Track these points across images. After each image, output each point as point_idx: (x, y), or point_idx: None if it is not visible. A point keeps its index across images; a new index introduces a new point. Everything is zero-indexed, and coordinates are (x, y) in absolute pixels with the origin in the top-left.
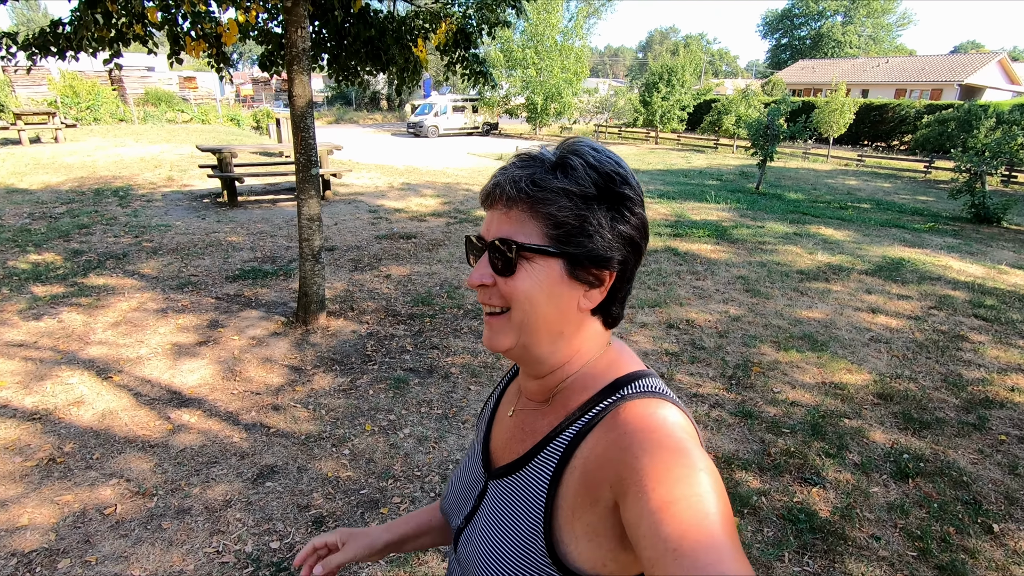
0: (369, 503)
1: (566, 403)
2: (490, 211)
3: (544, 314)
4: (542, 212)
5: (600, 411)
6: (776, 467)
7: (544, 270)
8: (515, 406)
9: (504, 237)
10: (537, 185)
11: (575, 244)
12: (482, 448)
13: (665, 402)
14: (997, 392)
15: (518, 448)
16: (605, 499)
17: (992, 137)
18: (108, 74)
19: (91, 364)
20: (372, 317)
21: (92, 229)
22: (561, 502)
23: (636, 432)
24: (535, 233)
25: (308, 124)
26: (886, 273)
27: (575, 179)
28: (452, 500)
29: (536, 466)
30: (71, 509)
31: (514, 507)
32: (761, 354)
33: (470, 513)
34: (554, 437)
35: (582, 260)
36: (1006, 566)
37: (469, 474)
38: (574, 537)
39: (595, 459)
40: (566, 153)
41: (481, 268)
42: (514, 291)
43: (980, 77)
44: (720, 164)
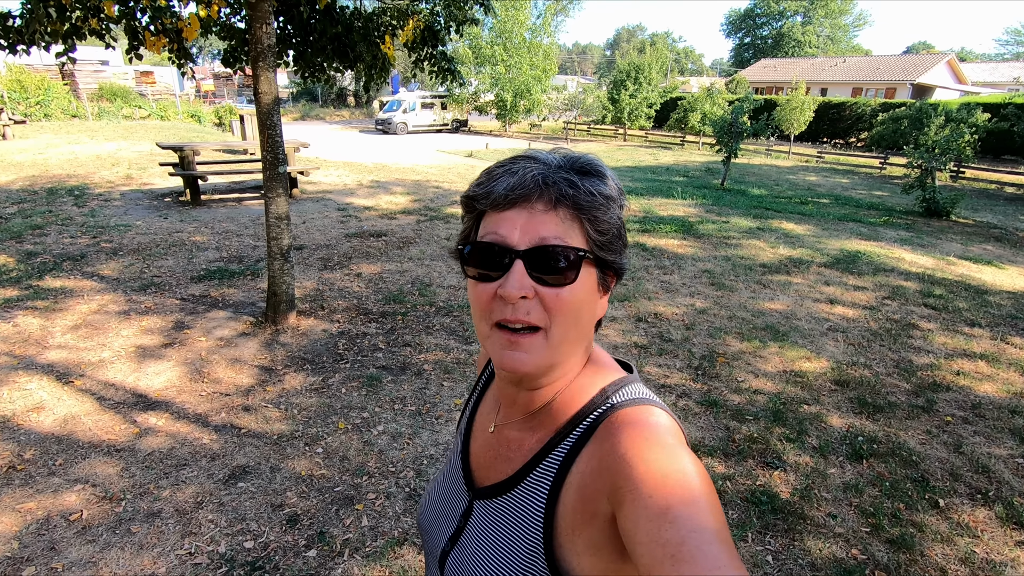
0: (344, 500)
1: (554, 417)
2: (517, 209)
3: (581, 325)
4: (591, 216)
5: (591, 423)
6: (740, 452)
7: (588, 278)
8: (495, 420)
9: (558, 242)
10: (592, 188)
11: (611, 251)
12: (462, 463)
13: (653, 408)
14: (944, 376)
15: (505, 468)
16: (603, 511)
17: (941, 135)
18: (59, 68)
19: (50, 369)
20: (343, 316)
21: (46, 230)
22: (560, 521)
23: (628, 441)
24: (581, 237)
25: (275, 121)
26: (843, 265)
27: (610, 185)
28: (432, 516)
29: (529, 486)
30: (34, 516)
31: (509, 530)
32: (726, 345)
33: (455, 534)
34: (545, 455)
35: (610, 267)
36: (951, 537)
37: (449, 490)
38: (576, 554)
39: (590, 473)
40: (589, 161)
41: (520, 278)
42: (564, 304)
43: (930, 77)
44: (686, 161)
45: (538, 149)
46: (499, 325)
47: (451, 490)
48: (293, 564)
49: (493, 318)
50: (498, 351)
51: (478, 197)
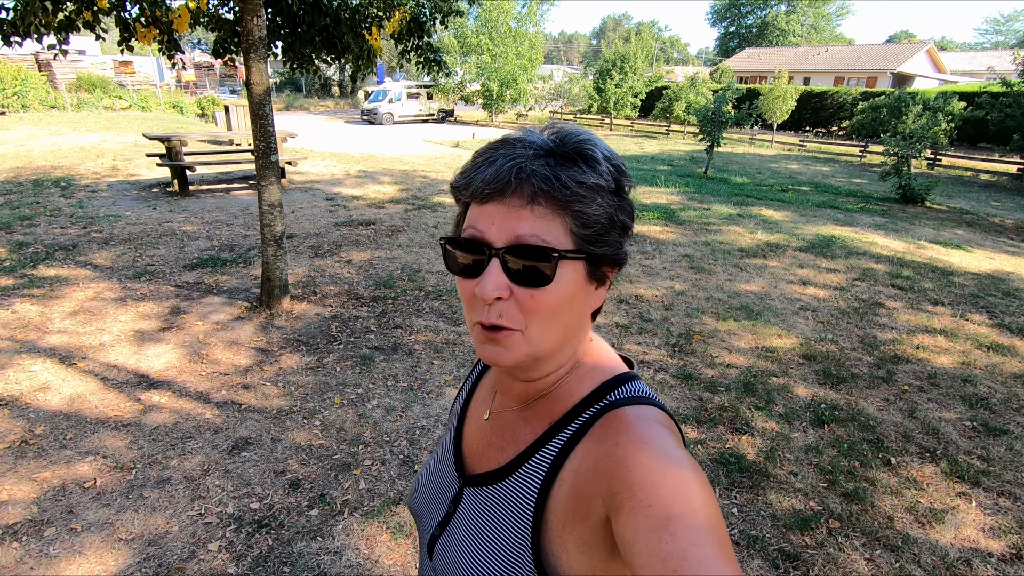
0: (342, 466)
1: (550, 409)
2: (495, 203)
3: (565, 324)
4: (573, 210)
5: (588, 419)
6: (711, 420)
7: (572, 275)
8: (491, 408)
9: (533, 242)
10: (572, 179)
11: (602, 244)
12: (454, 449)
13: (653, 408)
14: (905, 350)
15: (498, 456)
16: (597, 513)
17: (918, 123)
18: (35, 58)
19: (53, 352)
20: (335, 300)
21: (35, 221)
22: (550, 516)
23: (627, 444)
24: (563, 233)
25: (267, 111)
26: (818, 249)
27: (601, 173)
28: (422, 501)
29: (521, 478)
30: (50, 484)
31: (498, 520)
32: (702, 324)
33: (444, 519)
34: (539, 447)
35: (603, 260)
36: (899, 490)
37: (440, 476)
38: (564, 551)
39: (585, 472)
40: (577, 144)
41: (496, 277)
42: (538, 305)
43: (911, 66)
44: (671, 150)
45: (531, 127)
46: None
47: (442, 475)
48: (297, 522)
49: (475, 317)
50: (478, 344)
51: (460, 188)
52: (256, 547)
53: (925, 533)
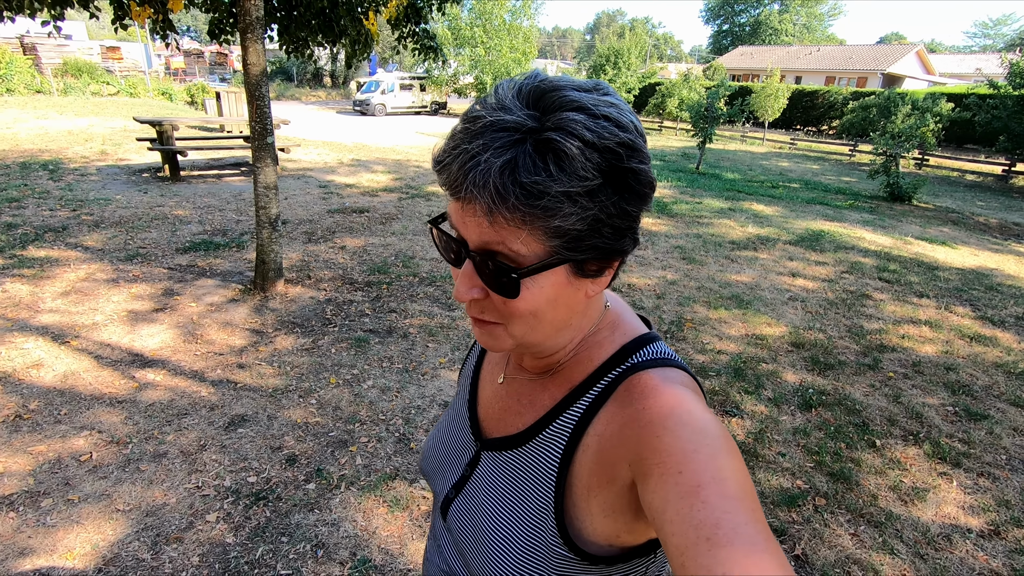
0: (338, 443)
1: (569, 375)
2: (461, 202)
3: (550, 320)
4: (540, 225)
5: (610, 383)
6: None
7: (549, 280)
8: (505, 371)
9: (495, 251)
10: (528, 192)
11: (583, 249)
12: (469, 412)
13: (677, 370)
14: (891, 339)
15: (516, 421)
16: (623, 477)
17: (907, 123)
18: (19, 41)
19: (45, 330)
20: (329, 285)
21: (24, 203)
22: (574, 480)
23: (654, 408)
24: (532, 244)
25: (263, 93)
26: (807, 243)
27: (575, 173)
28: (436, 463)
29: (543, 442)
30: (46, 458)
31: (519, 484)
32: (693, 312)
33: (459, 481)
34: (560, 412)
35: (592, 260)
36: (883, 470)
37: (455, 438)
38: (589, 515)
39: (610, 437)
40: (553, 129)
41: (469, 279)
42: (515, 310)
43: (900, 67)
44: (664, 146)
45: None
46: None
47: (457, 438)
48: (294, 495)
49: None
50: (474, 330)
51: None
52: (254, 518)
53: (908, 510)
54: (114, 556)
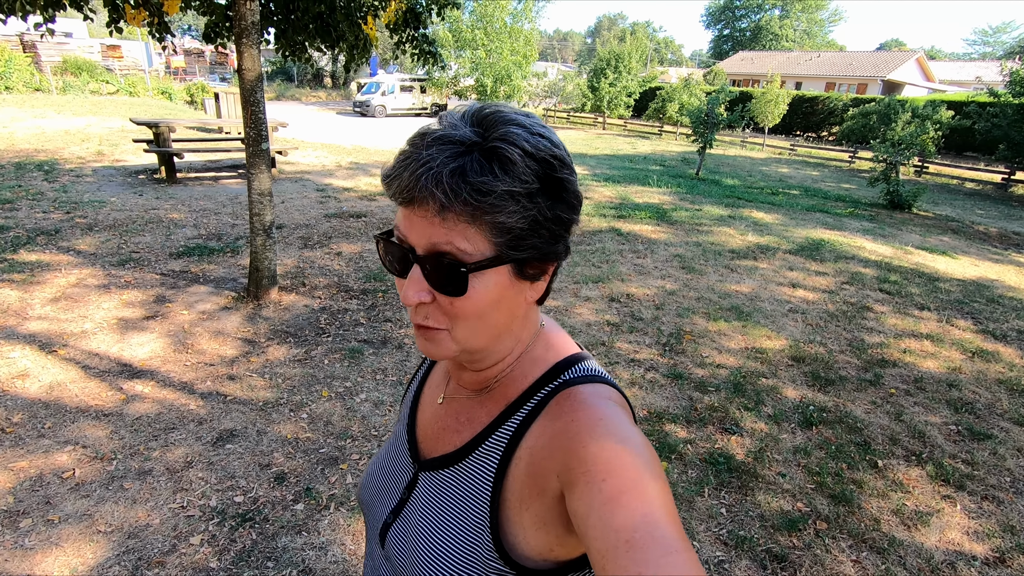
0: (329, 460)
1: (505, 391)
2: (411, 208)
3: (493, 323)
4: (486, 221)
5: (543, 398)
6: (701, 420)
7: (493, 279)
8: (445, 392)
9: (444, 251)
10: (477, 190)
11: (524, 248)
12: (407, 435)
13: (606, 386)
14: (892, 354)
15: (454, 439)
16: (553, 489)
17: (907, 130)
18: (19, 39)
19: (32, 339)
20: (324, 292)
21: (17, 204)
22: (507, 495)
23: (582, 420)
24: (479, 242)
25: (258, 98)
26: (807, 253)
27: (517, 176)
28: (374, 490)
29: (478, 458)
30: (27, 474)
31: (455, 501)
32: (693, 324)
33: (398, 506)
34: (495, 428)
35: (531, 260)
36: (886, 493)
37: (393, 463)
38: (522, 528)
39: (540, 449)
40: (497, 140)
41: (416, 284)
42: (461, 311)
43: (900, 73)
44: (664, 150)
45: (456, 112)
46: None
47: (395, 462)
48: (282, 516)
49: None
50: (417, 339)
51: (385, 188)
52: (239, 541)
53: (911, 535)
54: None
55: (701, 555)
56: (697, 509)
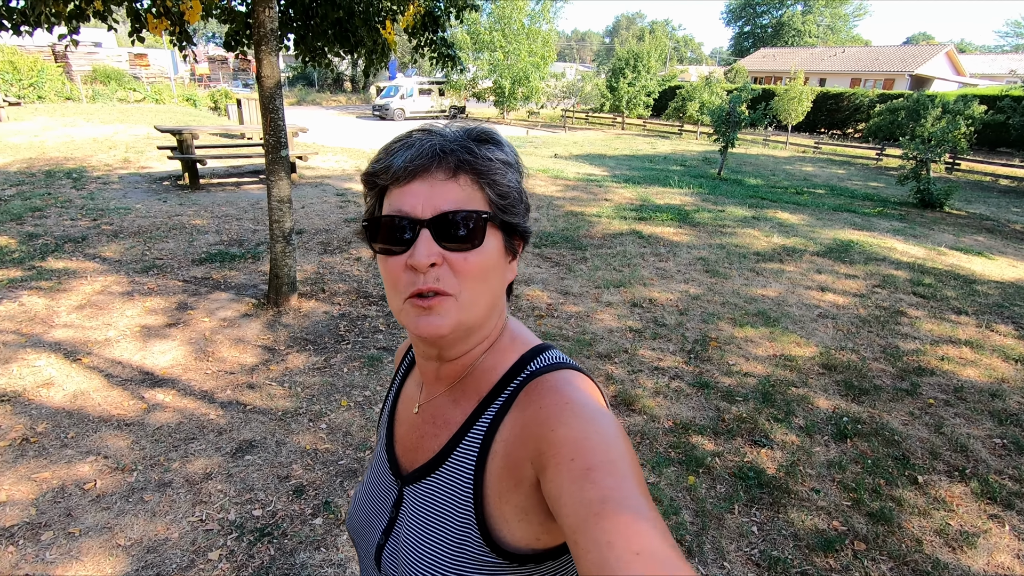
0: (347, 472)
1: (476, 386)
2: (418, 181)
3: (491, 288)
4: (488, 180)
5: (513, 390)
6: (729, 431)
7: (494, 242)
8: (419, 401)
9: (458, 210)
10: (484, 156)
11: (513, 214)
12: (387, 455)
13: (572, 371)
14: (929, 361)
15: (432, 445)
16: (528, 477)
17: (937, 126)
18: (51, 49)
19: (58, 347)
20: (344, 299)
21: (46, 212)
22: (488, 490)
23: (550, 406)
24: (483, 203)
25: (277, 105)
26: (835, 254)
27: (506, 151)
28: (362, 518)
29: (456, 460)
30: (50, 485)
31: (441, 505)
32: (718, 330)
33: (388, 526)
34: (471, 425)
35: (515, 230)
36: (927, 511)
37: (377, 486)
38: (505, 521)
39: (514, 440)
40: (484, 129)
41: (427, 246)
42: (472, 267)
43: (929, 68)
44: (684, 150)
45: (434, 123)
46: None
47: (379, 486)
48: (300, 531)
49: (407, 292)
50: (413, 320)
51: (378, 173)
52: (257, 557)
53: (956, 558)
54: None
55: None
56: (727, 527)
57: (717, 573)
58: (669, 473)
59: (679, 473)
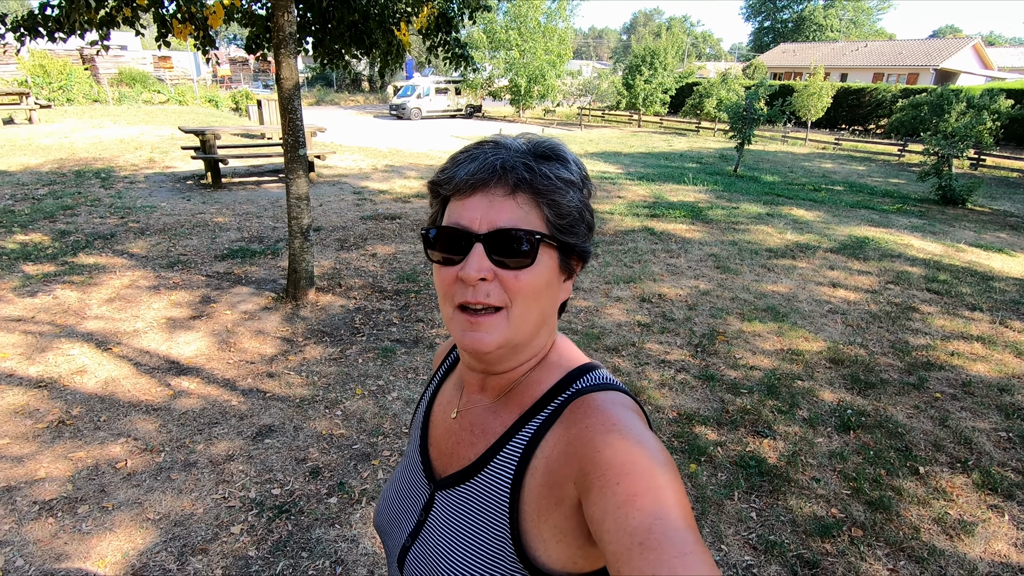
0: (361, 456)
1: (520, 399)
2: (479, 195)
3: (542, 308)
4: (548, 200)
5: (558, 406)
6: (732, 422)
7: (548, 261)
8: (458, 406)
9: (512, 228)
10: (544, 175)
11: (572, 234)
12: (421, 456)
13: (619, 393)
14: (939, 356)
15: (468, 452)
16: (569, 497)
17: (962, 121)
18: (79, 53)
19: (90, 337)
20: (359, 293)
21: (77, 210)
22: (525, 506)
23: (596, 426)
24: (540, 222)
25: (295, 106)
26: (849, 251)
27: (572, 171)
28: (390, 515)
29: (494, 470)
30: (84, 464)
31: (474, 516)
32: (726, 324)
33: (415, 529)
34: (511, 437)
35: (573, 250)
36: (927, 500)
37: (409, 486)
38: (542, 540)
39: (557, 457)
40: (552, 145)
41: (479, 260)
42: (523, 285)
43: (955, 62)
44: (701, 147)
45: (504, 135)
46: (461, 307)
47: (411, 485)
48: (316, 509)
49: (455, 300)
50: (460, 332)
51: (441, 183)
52: (276, 532)
53: (953, 545)
54: (142, 566)
55: (729, 559)
56: (726, 513)
57: (715, 556)
58: None
59: (681, 461)
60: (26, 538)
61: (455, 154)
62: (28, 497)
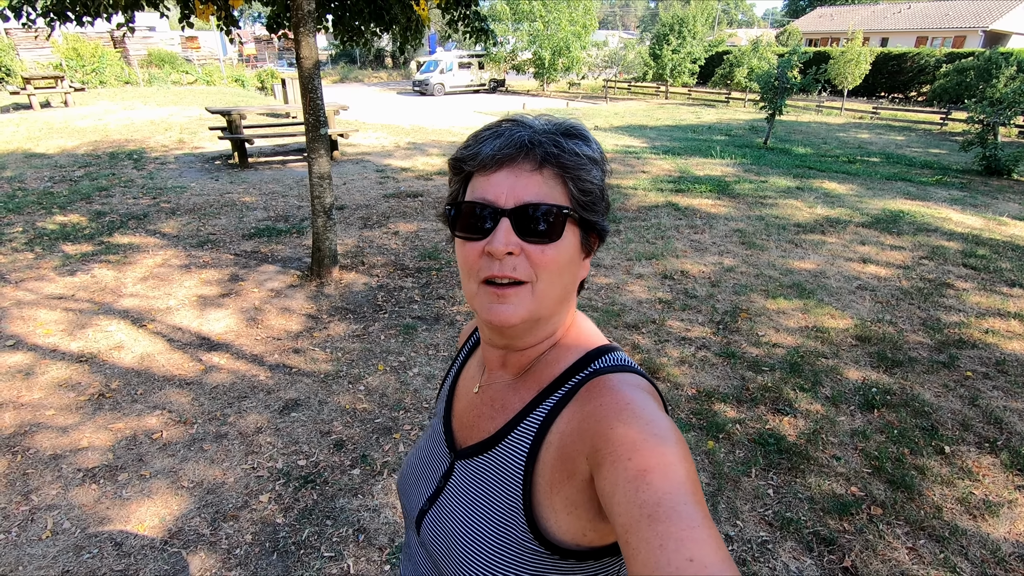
0: (383, 430)
1: (539, 377)
2: (504, 171)
3: (565, 283)
4: (572, 176)
5: (574, 385)
6: (752, 400)
7: (571, 237)
8: (480, 382)
9: (539, 202)
10: (570, 151)
11: (592, 211)
12: (444, 427)
13: (634, 375)
14: (972, 334)
15: (488, 426)
16: (581, 471)
17: (1011, 86)
18: (110, 35)
19: (126, 314)
20: (382, 271)
21: (111, 191)
22: (539, 478)
23: (610, 404)
24: (565, 198)
25: (316, 85)
26: (883, 225)
27: (593, 147)
28: (411, 480)
29: (511, 443)
30: (123, 434)
31: (489, 486)
32: (750, 302)
33: (434, 494)
34: (528, 412)
35: (593, 228)
36: (951, 480)
37: (431, 454)
38: (553, 512)
39: (571, 433)
40: (573, 125)
41: (506, 235)
42: (548, 260)
43: (1007, 22)
44: (730, 119)
45: (524, 113)
46: (487, 281)
47: (433, 453)
48: (340, 480)
49: (481, 275)
50: (485, 306)
51: (465, 159)
52: (302, 500)
53: (976, 525)
54: (178, 529)
55: (744, 535)
56: (743, 489)
57: (730, 531)
58: (688, 438)
59: (699, 438)
60: (72, 503)
61: (477, 131)
62: (73, 465)
